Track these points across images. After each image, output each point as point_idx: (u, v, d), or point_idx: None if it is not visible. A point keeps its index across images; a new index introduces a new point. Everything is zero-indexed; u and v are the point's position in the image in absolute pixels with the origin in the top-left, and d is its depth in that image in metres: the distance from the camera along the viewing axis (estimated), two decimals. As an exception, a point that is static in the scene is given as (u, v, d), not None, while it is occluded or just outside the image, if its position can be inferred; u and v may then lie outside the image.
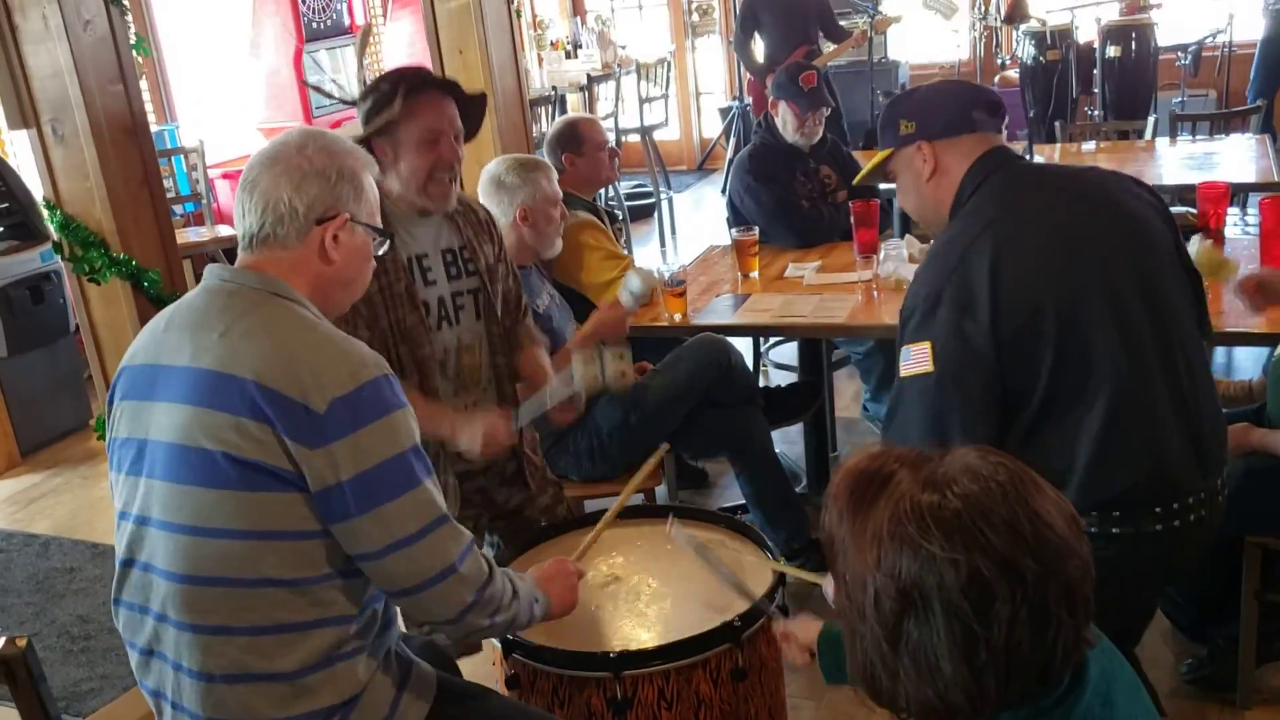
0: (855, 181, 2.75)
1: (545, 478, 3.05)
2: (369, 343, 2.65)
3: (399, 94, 2.59)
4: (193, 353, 1.77)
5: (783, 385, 4.39)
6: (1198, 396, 2.20)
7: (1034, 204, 2.22)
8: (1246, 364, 4.64)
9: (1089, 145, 5.80)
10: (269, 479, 1.71)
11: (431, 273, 2.75)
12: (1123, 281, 2.14)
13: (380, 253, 2.00)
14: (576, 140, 3.97)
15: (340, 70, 8.46)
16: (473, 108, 2.75)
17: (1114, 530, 2.13)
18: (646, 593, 2.39)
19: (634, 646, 2.20)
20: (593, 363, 2.68)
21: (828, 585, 1.66)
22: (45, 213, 3.17)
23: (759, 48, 7.37)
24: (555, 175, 3.42)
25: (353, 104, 2.98)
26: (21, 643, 1.67)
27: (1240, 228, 4.56)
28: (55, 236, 3.18)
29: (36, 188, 3.73)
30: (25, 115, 3.06)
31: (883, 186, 4.86)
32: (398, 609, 1.98)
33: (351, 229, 1.90)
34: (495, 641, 2.22)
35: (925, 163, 2.29)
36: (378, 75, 2.75)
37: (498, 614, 1.90)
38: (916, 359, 2.14)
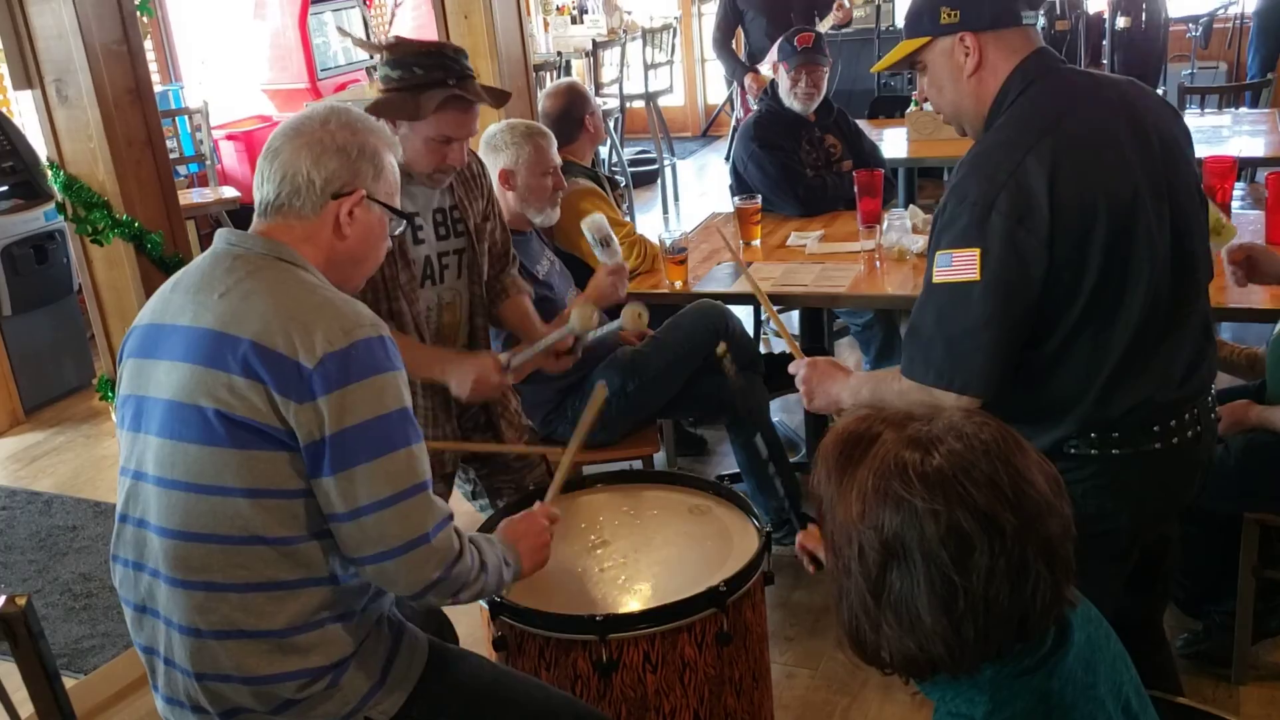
0: (874, 70, 2.54)
1: (520, 424, 3.05)
2: (363, 295, 2.69)
3: (430, 93, 2.59)
4: (195, 313, 1.80)
5: (786, 352, 4.38)
6: (1205, 313, 2.17)
7: (1087, 114, 2.08)
8: (1250, 340, 4.63)
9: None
10: (259, 438, 1.73)
11: (422, 231, 2.80)
12: (1159, 197, 2.06)
13: (396, 233, 2.01)
14: None
15: (345, 34, 8.41)
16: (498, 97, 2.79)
17: (1114, 451, 2.07)
18: (633, 557, 2.41)
19: (620, 610, 2.22)
20: (588, 306, 2.71)
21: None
22: (49, 173, 3.17)
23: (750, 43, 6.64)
24: (553, 143, 3.37)
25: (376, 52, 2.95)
26: (21, 601, 1.69)
27: (1245, 202, 4.54)
28: (59, 197, 3.18)
29: (41, 147, 3.71)
30: (29, 76, 3.04)
31: (888, 156, 4.90)
32: None
33: (368, 206, 1.91)
34: (484, 603, 2.24)
35: (968, 56, 2.10)
36: (421, 45, 2.71)
37: (462, 592, 1.89)
38: (959, 266, 1.99)
